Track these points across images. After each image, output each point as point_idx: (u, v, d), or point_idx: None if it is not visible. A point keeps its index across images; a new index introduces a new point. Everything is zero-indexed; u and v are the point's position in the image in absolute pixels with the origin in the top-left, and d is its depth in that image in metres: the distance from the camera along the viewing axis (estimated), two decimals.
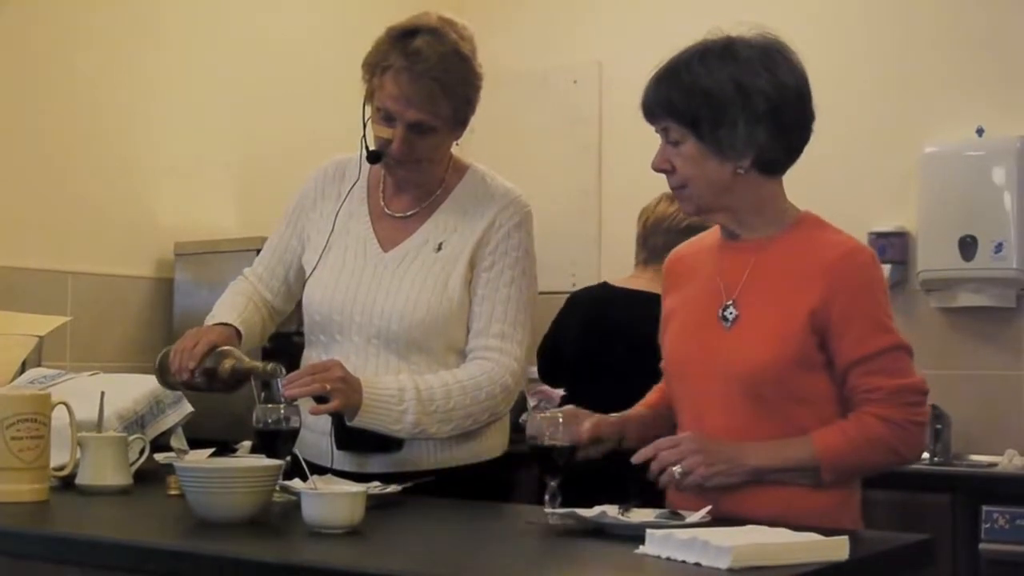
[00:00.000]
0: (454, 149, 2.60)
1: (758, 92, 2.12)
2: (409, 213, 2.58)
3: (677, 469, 2.07)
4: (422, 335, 2.47)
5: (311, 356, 2.59)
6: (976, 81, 4.12)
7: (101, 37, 3.93)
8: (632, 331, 3.51)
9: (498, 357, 2.48)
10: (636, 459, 2.11)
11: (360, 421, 2.36)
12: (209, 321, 2.55)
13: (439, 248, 2.52)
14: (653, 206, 3.71)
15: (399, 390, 2.38)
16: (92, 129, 3.90)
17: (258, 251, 2.75)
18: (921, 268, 4.07)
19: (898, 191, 4.18)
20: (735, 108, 2.11)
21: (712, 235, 2.31)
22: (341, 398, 2.32)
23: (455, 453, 2.50)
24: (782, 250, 2.18)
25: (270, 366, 2.35)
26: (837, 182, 4.20)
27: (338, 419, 2.45)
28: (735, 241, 2.24)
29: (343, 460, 2.49)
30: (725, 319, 2.17)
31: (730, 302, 2.18)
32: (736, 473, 2.09)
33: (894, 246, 4.13)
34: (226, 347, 2.43)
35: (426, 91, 2.43)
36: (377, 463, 2.48)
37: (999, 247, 3.89)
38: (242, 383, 2.42)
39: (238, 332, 2.52)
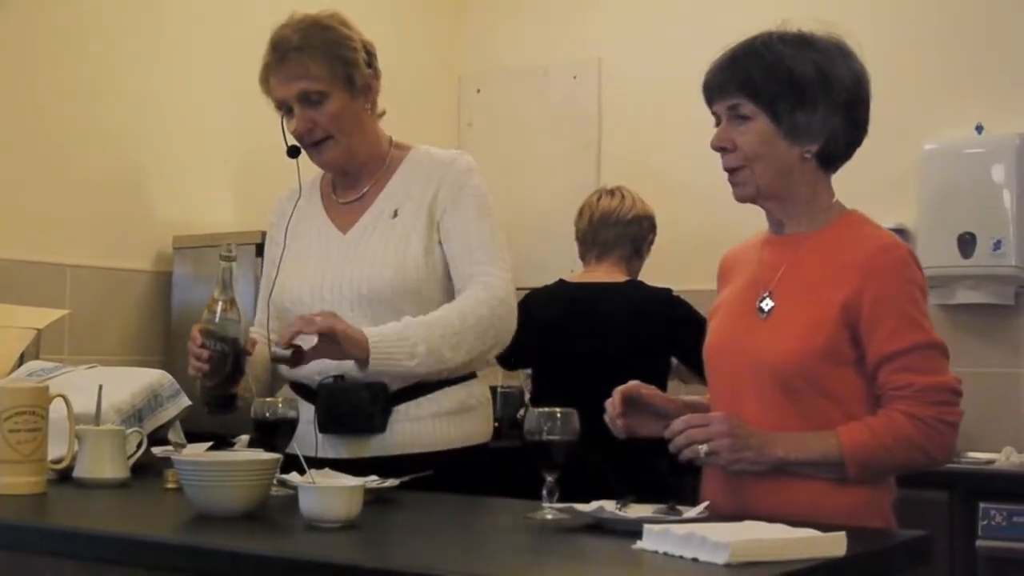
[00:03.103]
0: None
1: (839, 81, 2.14)
2: (361, 193, 2.65)
3: (703, 448, 2.06)
4: (393, 294, 2.51)
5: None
6: (976, 78, 4.12)
7: (101, 32, 3.93)
8: (601, 320, 3.51)
9: (485, 278, 2.52)
10: (668, 434, 2.08)
11: (375, 362, 2.39)
12: None
13: (395, 215, 2.59)
14: (595, 202, 3.69)
15: (403, 326, 2.43)
16: (91, 122, 3.89)
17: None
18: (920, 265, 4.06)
19: (897, 188, 4.17)
20: (817, 92, 2.13)
21: (762, 233, 2.31)
22: (334, 320, 2.35)
23: (443, 436, 2.53)
24: (821, 244, 2.18)
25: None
26: (836, 178, 4.17)
27: (322, 402, 2.49)
28: (779, 235, 2.25)
29: (327, 448, 2.51)
30: (761, 310, 2.18)
31: (767, 293, 2.18)
32: (761, 461, 2.07)
33: None
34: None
35: (293, 63, 2.56)
36: (362, 447, 2.50)
37: (998, 244, 3.89)
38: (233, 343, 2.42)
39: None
